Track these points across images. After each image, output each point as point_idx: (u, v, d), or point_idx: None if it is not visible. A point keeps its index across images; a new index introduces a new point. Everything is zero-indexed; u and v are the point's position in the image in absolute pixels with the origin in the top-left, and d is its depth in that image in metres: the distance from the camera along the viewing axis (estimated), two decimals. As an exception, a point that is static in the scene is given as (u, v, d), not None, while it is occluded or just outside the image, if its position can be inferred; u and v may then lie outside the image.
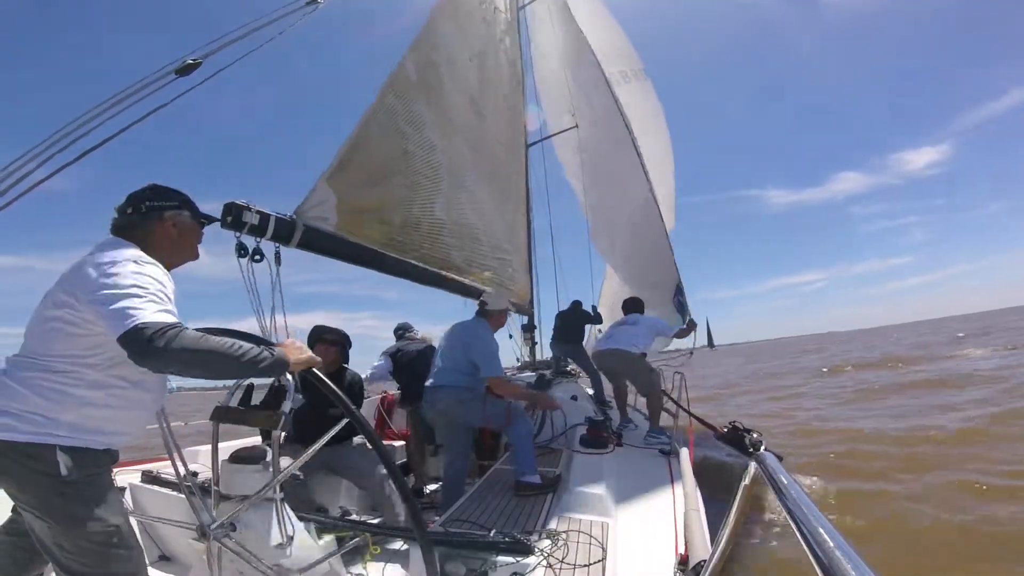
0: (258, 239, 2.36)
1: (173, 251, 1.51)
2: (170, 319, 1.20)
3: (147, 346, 1.13)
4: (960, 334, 29.69)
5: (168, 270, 1.41)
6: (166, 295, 1.26)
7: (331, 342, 2.86)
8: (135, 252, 1.32)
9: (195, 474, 1.68)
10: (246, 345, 1.29)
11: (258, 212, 2.34)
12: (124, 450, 1.39)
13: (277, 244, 2.46)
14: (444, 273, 3.78)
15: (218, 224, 1.62)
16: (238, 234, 2.29)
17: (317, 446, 1.59)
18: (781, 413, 9.58)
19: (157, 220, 1.46)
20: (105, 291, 1.20)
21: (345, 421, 1.53)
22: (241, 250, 2.30)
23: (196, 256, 1.61)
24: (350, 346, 2.99)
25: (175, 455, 1.64)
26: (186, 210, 1.54)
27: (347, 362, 2.99)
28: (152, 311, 1.18)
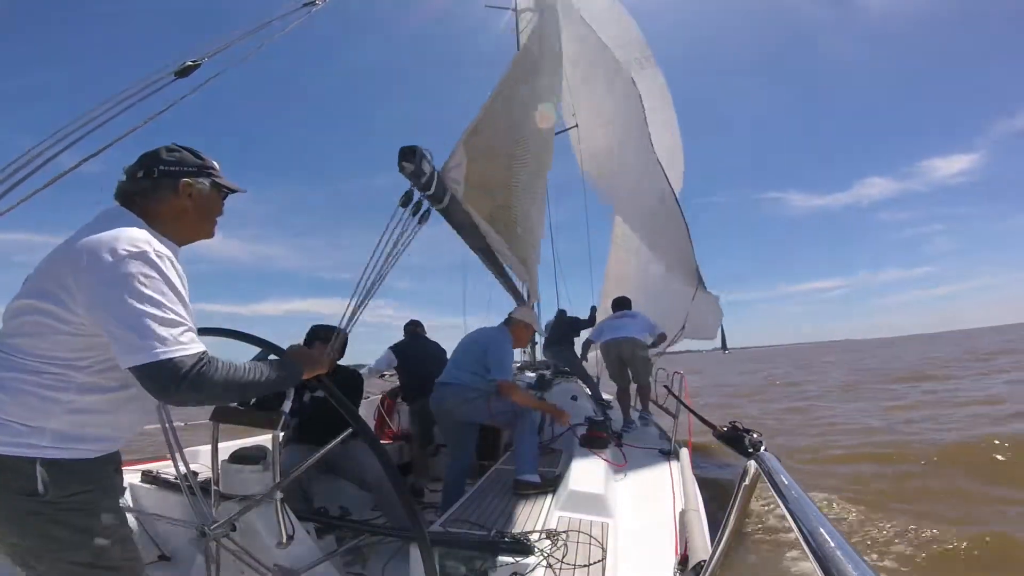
0: (423, 193, 2.12)
1: (187, 226, 1.29)
2: (196, 348, 1.07)
3: (177, 386, 1.01)
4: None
5: (180, 245, 1.29)
6: (184, 303, 1.10)
7: (329, 340, 2.87)
8: (144, 238, 1.10)
9: (195, 474, 1.68)
10: (265, 369, 1.22)
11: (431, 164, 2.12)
12: (124, 451, 1.34)
13: (429, 203, 2.21)
14: (518, 261, 3.86)
15: (223, 199, 1.41)
16: (413, 183, 2.06)
17: (323, 452, 1.60)
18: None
19: (171, 189, 1.24)
20: (113, 298, 1.02)
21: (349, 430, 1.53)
22: (406, 200, 2.05)
23: (212, 234, 1.37)
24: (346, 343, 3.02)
25: (176, 453, 1.63)
26: (206, 178, 1.30)
27: (342, 357, 3.01)
28: (175, 336, 1.03)
